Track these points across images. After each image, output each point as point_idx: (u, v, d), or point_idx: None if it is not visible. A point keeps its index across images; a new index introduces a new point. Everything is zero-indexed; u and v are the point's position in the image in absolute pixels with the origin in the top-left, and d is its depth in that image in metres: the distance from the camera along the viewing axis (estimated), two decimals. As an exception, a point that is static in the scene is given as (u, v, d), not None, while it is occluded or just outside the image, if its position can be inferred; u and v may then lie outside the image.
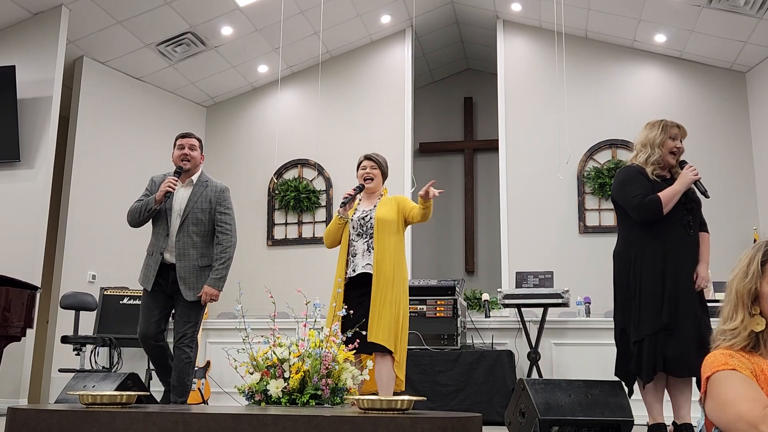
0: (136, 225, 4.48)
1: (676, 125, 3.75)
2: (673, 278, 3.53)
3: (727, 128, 7.67)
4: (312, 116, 8.59)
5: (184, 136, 4.46)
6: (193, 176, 4.44)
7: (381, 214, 4.05)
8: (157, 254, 4.33)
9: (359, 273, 4.02)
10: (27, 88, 6.83)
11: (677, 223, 3.59)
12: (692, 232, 3.61)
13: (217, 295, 4.32)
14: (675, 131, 3.73)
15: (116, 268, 7.45)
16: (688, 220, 3.62)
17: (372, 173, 4.16)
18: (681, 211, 3.61)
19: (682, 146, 3.73)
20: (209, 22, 7.52)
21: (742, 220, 7.40)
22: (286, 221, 8.55)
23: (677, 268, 3.55)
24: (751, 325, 1.72)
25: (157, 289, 4.32)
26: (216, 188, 4.42)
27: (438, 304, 5.59)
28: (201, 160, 4.49)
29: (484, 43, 8.98)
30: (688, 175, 3.62)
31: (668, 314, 3.48)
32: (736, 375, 1.64)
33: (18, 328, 4.56)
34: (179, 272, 4.28)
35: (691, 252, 3.61)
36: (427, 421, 2.09)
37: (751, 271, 1.74)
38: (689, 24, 7.25)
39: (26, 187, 6.71)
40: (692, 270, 3.59)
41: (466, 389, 5.32)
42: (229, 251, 4.37)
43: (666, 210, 3.55)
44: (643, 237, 3.61)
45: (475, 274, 9.28)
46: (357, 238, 4.06)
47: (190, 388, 4.31)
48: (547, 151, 7.82)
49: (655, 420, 3.65)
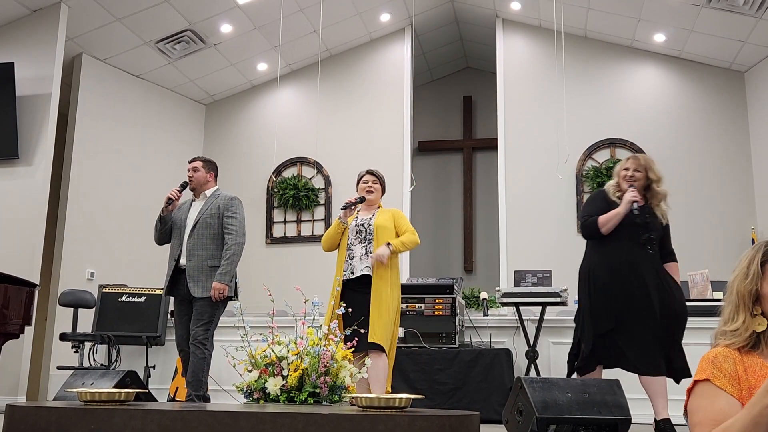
0: (158, 240, 4.87)
1: (632, 157, 4.24)
2: (625, 289, 3.93)
3: (725, 128, 7.67)
4: (311, 114, 8.59)
5: (190, 161, 4.94)
6: (206, 192, 4.86)
7: (379, 222, 4.36)
8: (171, 260, 4.71)
9: (358, 275, 4.26)
10: (26, 85, 6.82)
11: (632, 242, 4.00)
12: (651, 250, 4.00)
13: (224, 290, 4.57)
14: (628, 163, 4.17)
15: (115, 265, 7.46)
16: (645, 239, 4.00)
17: (373, 187, 4.50)
18: (636, 232, 4.00)
19: (635, 174, 4.11)
20: (209, 19, 7.52)
21: (739, 220, 7.41)
22: (285, 219, 8.55)
23: (630, 282, 3.94)
24: (752, 325, 1.73)
25: (179, 297, 4.70)
26: (225, 198, 4.82)
27: (436, 303, 5.59)
28: (209, 177, 4.89)
29: (483, 41, 8.98)
30: (626, 197, 4.01)
31: (614, 320, 3.92)
32: (705, 392, 1.68)
33: (16, 325, 4.57)
34: (189, 272, 4.60)
35: (647, 267, 3.97)
36: (425, 419, 2.09)
37: (752, 272, 1.75)
38: (688, 23, 7.26)
39: (25, 185, 6.71)
40: (646, 284, 3.93)
41: (464, 387, 5.33)
42: (233, 248, 4.66)
43: (605, 230, 4.01)
44: (597, 253, 4.10)
45: (474, 272, 9.29)
46: (356, 242, 4.34)
47: (205, 384, 4.55)
48: (545, 150, 7.83)
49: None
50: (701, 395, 1.68)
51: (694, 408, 1.69)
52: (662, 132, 7.76)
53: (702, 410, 1.66)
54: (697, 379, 1.70)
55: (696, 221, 7.48)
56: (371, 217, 4.43)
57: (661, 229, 4.11)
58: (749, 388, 1.65)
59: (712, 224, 7.47)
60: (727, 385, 1.66)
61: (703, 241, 7.40)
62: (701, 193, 7.55)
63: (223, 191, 4.91)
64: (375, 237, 4.30)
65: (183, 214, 4.80)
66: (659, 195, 4.14)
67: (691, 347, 5.31)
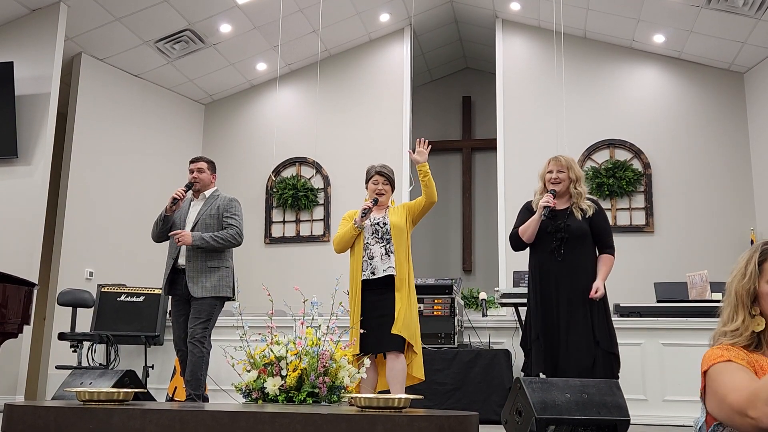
0: (156, 238, 4.85)
1: (553, 159, 4.26)
2: (546, 297, 4.06)
3: (724, 128, 7.67)
4: (310, 114, 8.58)
5: (194, 161, 4.89)
6: (206, 192, 4.86)
7: (395, 221, 4.31)
8: (170, 260, 4.72)
9: (381, 276, 4.20)
10: (25, 84, 6.82)
11: (547, 251, 4.12)
12: (560, 258, 4.07)
13: (187, 240, 4.55)
14: (551, 165, 4.24)
15: (114, 265, 7.45)
16: (555, 246, 4.08)
17: (384, 189, 4.42)
18: (550, 240, 4.11)
19: (559, 176, 4.19)
20: (208, 19, 7.51)
21: (738, 220, 7.41)
22: (284, 219, 8.55)
23: (548, 290, 4.07)
24: (752, 325, 1.73)
25: (177, 297, 4.72)
26: (225, 198, 4.84)
27: (435, 303, 5.59)
28: (213, 178, 4.92)
29: (482, 42, 8.98)
30: (540, 202, 4.12)
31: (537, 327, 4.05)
32: (729, 366, 1.64)
33: (15, 325, 4.56)
34: (188, 272, 4.60)
35: (561, 274, 4.06)
36: (423, 420, 2.09)
37: (749, 272, 1.75)
38: (688, 24, 7.26)
39: (24, 184, 6.70)
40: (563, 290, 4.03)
41: (463, 388, 5.33)
42: (228, 239, 4.65)
43: (526, 237, 4.15)
44: (530, 262, 4.26)
45: (473, 273, 9.29)
46: (373, 242, 4.28)
47: (204, 382, 4.56)
48: (545, 150, 7.79)
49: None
50: (723, 371, 1.64)
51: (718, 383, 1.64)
52: (661, 133, 7.77)
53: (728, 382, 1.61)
54: (715, 362, 1.67)
55: (695, 222, 7.49)
56: (385, 215, 4.38)
57: (585, 227, 4.11)
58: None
59: (710, 225, 7.47)
60: (747, 366, 1.65)
61: (702, 242, 7.40)
62: (700, 193, 7.55)
63: (222, 192, 4.90)
64: (393, 237, 4.26)
65: (182, 214, 4.79)
66: (576, 194, 4.18)
67: (690, 348, 5.34)
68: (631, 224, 7.65)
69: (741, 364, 1.64)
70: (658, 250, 7.50)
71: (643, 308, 5.60)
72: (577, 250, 4.08)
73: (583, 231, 4.10)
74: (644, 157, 7.72)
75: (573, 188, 4.17)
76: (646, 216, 7.63)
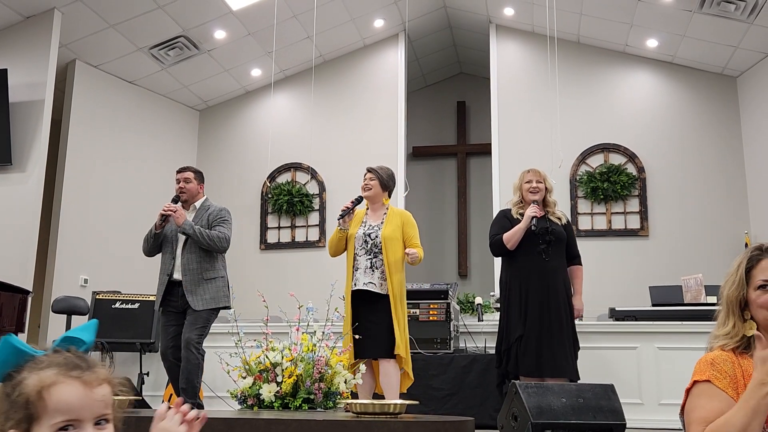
0: (147, 253, 4.82)
1: (530, 170, 4.60)
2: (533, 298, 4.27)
3: (718, 132, 7.70)
4: (305, 120, 8.59)
5: (180, 171, 4.85)
6: (196, 203, 4.81)
7: (387, 233, 4.26)
8: (164, 276, 4.66)
9: (359, 289, 4.21)
10: (19, 91, 6.80)
11: (533, 253, 4.33)
12: (547, 258, 4.30)
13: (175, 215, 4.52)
14: (529, 176, 4.55)
15: (108, 272, 7.42)
16: (541, 249, 4.30)
17: (370, 184, 4.37)
18: (536, 243, 4.32)
19: (538, 186, 4.50)
20: (202, 25, 7.51)
21: (733, 224, 7.43)
22: (279, 225, 8.54)
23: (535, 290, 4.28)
24: (743, 330, 1.76)
25: (169, 308, 4.66)
26: (215, 209, 4.79)
27: (431, 308, 5.58)
28: (200, 188, 4.85)
29: (477, 47, 9.00)
30: (528, 212, 4.35)
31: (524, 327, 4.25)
32: (707, 391, 1.70)
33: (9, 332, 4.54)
34: (186, 286, 4.55)
35: (548, 275, 4.31)
36: (419, 425, 2.09)
37: (738, 279, 1.79)
38: (681, 29, 7.29)
39: (18, 191, 6.68)
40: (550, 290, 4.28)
41: (459, 393, 5.32)
42: (215, 239, 4.58)
43: (510, 245, 4.37)
44: (510, 266, 4.46)
45: (468, 277, 9.29)
46: (362, 253, 4.26)
47: (199, 390, 4.53)
48: (539, 155, 7.83)
49: None
50: (700, 394, 1.70)
51: (692, 407, 1.71)
52: (655, 136, 7.79)
53: (699, 408, 1.68)
54: (697, 380, 1.72)
55: (689, 225, 7.51)
56: (380, 225, 4.32)
57: (564, 235, 4.44)
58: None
59: (705, 228, 7.49)
60: (727, 386, 1.68)
61: (696, 245, 7.42)
62: (694, 197, 7.58)
63: (212, 202, 4.86)
64: (384, 250, 4.22)
65: (173, 227, 4.70)
66: (550, 203, 4.54)
67: (686, 351, 5.34)
68: (625, 228, 7.67)
69: (719, 387, 1.68)
70: (652, 254, 7.52)
71: (639, 312, 5.60)
72: (559, 253, 4.41)
73: (563, 236, 4.45)
74: (638, 161, 7.75)
75: (549, 197, 4.53)
76: (640, 220, 7.64)
